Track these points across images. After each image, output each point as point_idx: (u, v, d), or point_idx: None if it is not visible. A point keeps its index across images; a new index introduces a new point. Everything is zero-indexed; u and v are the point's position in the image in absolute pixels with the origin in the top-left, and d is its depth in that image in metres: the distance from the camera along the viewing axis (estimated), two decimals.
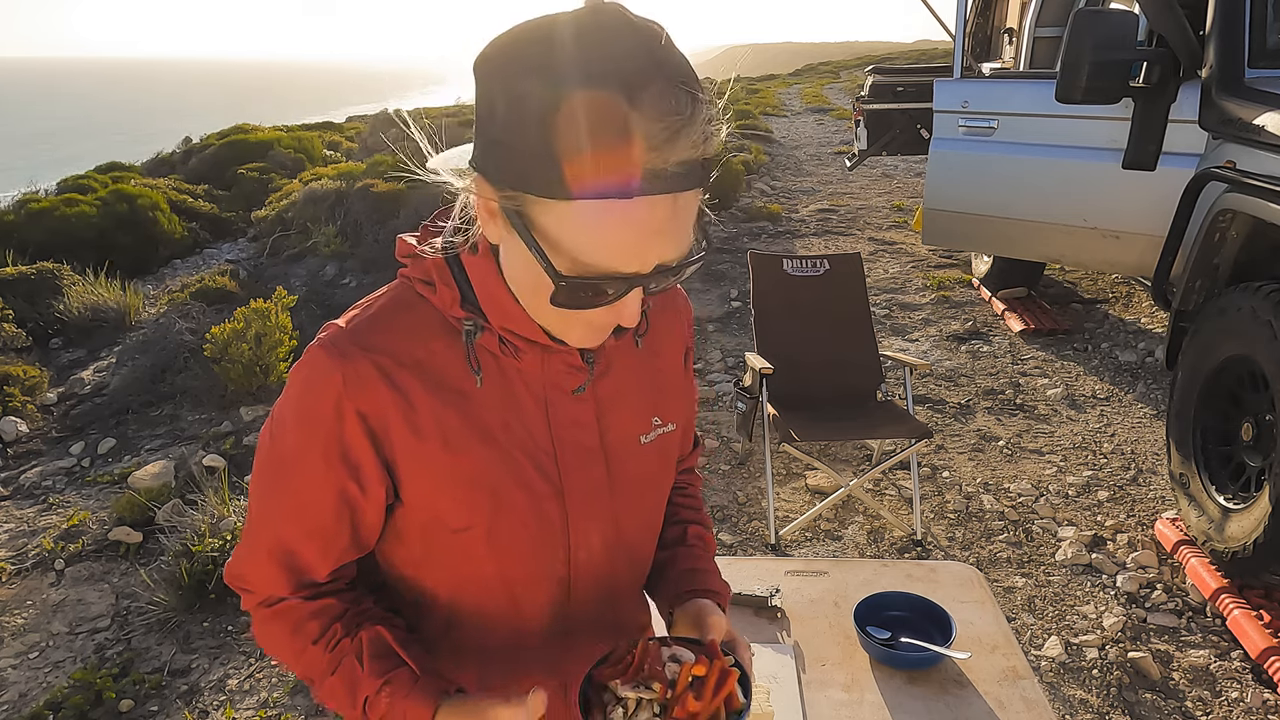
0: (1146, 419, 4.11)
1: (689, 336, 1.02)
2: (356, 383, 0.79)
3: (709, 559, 1.06)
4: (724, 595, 1.02)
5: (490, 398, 0.83)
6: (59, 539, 3.44)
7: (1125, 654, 2.60)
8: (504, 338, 0.82)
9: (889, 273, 6.60)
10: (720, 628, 0.89)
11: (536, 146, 0.65)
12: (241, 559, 0.88)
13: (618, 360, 0.91)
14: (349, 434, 0.80)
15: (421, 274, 0.82)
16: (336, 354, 0.79)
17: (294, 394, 0.82)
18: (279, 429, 0.83)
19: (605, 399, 0.89)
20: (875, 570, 1.68)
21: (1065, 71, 3.38)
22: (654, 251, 0.70)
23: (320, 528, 0.84)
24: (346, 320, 0.83)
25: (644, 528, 0.99)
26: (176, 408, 4.63)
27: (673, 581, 1.01)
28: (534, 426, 0.85)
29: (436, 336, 0.82)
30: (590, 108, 0.62)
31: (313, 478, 0.82)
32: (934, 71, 5.86)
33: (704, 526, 1.09)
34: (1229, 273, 3.03)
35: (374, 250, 6.85)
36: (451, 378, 0.82)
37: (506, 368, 0.84)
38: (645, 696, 0.79)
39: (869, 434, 3.37)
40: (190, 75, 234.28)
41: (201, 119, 28.18)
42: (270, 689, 2.63)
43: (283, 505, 0.84)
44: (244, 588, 0.88)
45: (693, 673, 0.81)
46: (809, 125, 16.98)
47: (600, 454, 0.89)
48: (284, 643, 0.87)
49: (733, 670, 0.83)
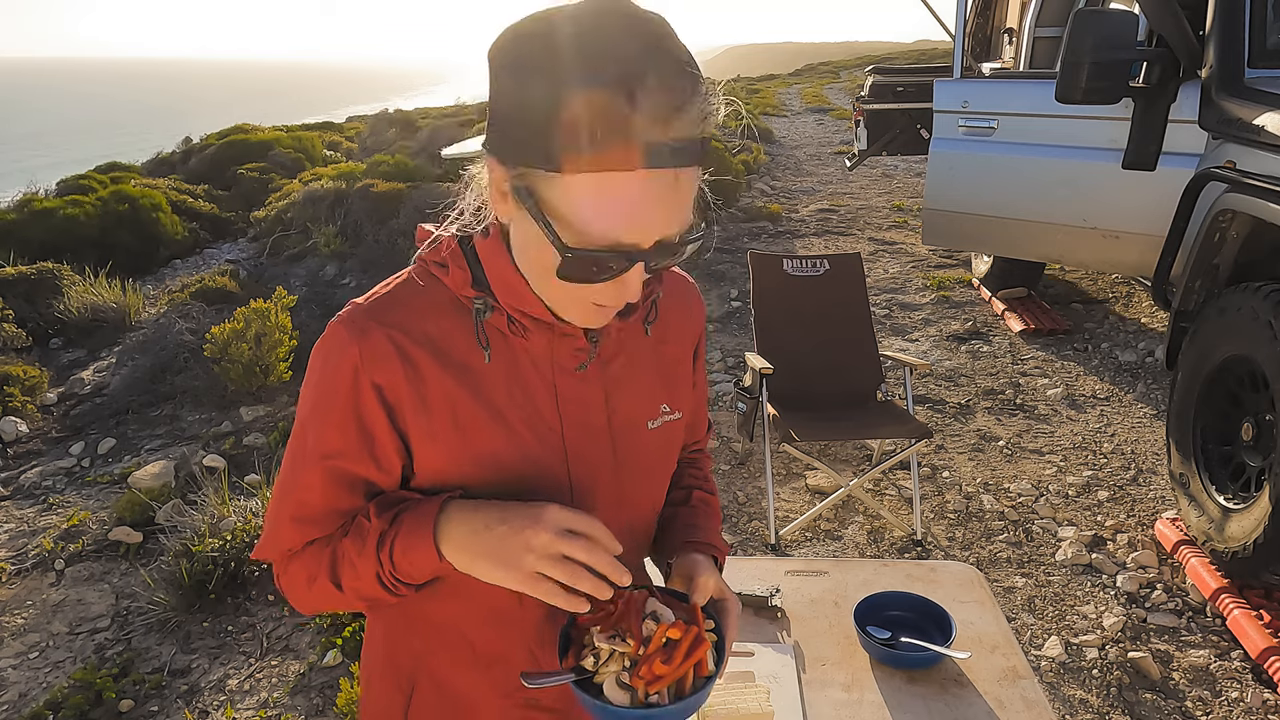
0: (1146, 419, 4.11)
1: (700, 331, 1.04)
2: (372, 356, 0.82)
3: (711, 520, 1.08)
4: (721, 551, 1.04)
5: (498, 374, 0.86)
6: (59, 539, 3.44)
7: (1125, 654, 2.60)
8: (513, 317, 0.84)
9: (889, 273, 6.60)
10: (708, 588, 0.90)
11: (543, 124, 0.69)
12: (266, 534, 0.91)
13: (627, 344, 0.93)
14: (365, 405, 0.83)
15: (436, 256, 0.86)
16: (355, 329, 0.83)
17: (315, 368, 0.86)
18: (302, 403, 0.87)
19: (613, 381, 0.92)
20: (875, 570, 1.68)
21: (1065, 71, 3.38)
22: (654, 226, 0.72)
23: (337, 491, 0.87)
24: (366, 299, 0.87)
25: (646, 510, 1.01)
26: (176, 408, 4.63)
27: (672, 535, 1.03)
28: (541, 404, 0.88)
29: (448, 315, 0.85)
30: (595, 86, 0.66)
31: (333, 445, 0.85)
32: (934, 71, 5.86)
33: (708, 493, 1.11)
34: (1229, 273, 3.03)
35: (374, 250, 6.84)
36: (461, 354, 0.85)
37: (515, 346, 0.86)
38: (618, 649, 0.81)
39: (869, 434, 3.37)
40: (191, 75, 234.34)
41: (202, 119, 28.19)
42: (270, 689, 2.63)
43: (306, 471, 0.87)
44: (270, 558, 0.92)
45: (667, 635, 0.82)
46: (809, 125, 16.98)
47: (607, 434, 0.91)
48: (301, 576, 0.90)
49: (707, 638, 0.84)
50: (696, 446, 1.15)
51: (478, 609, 0.92)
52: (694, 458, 1.14)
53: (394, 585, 0.84)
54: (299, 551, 0.90)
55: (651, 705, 0.79)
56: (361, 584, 0.85)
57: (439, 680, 0.96)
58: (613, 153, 0.67)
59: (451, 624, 0.94)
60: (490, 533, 0.79)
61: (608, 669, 0.81)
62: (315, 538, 0.89)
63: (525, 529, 0.78)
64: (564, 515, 0.79)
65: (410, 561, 0.82)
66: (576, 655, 0.83)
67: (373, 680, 1.02)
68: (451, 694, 0.96)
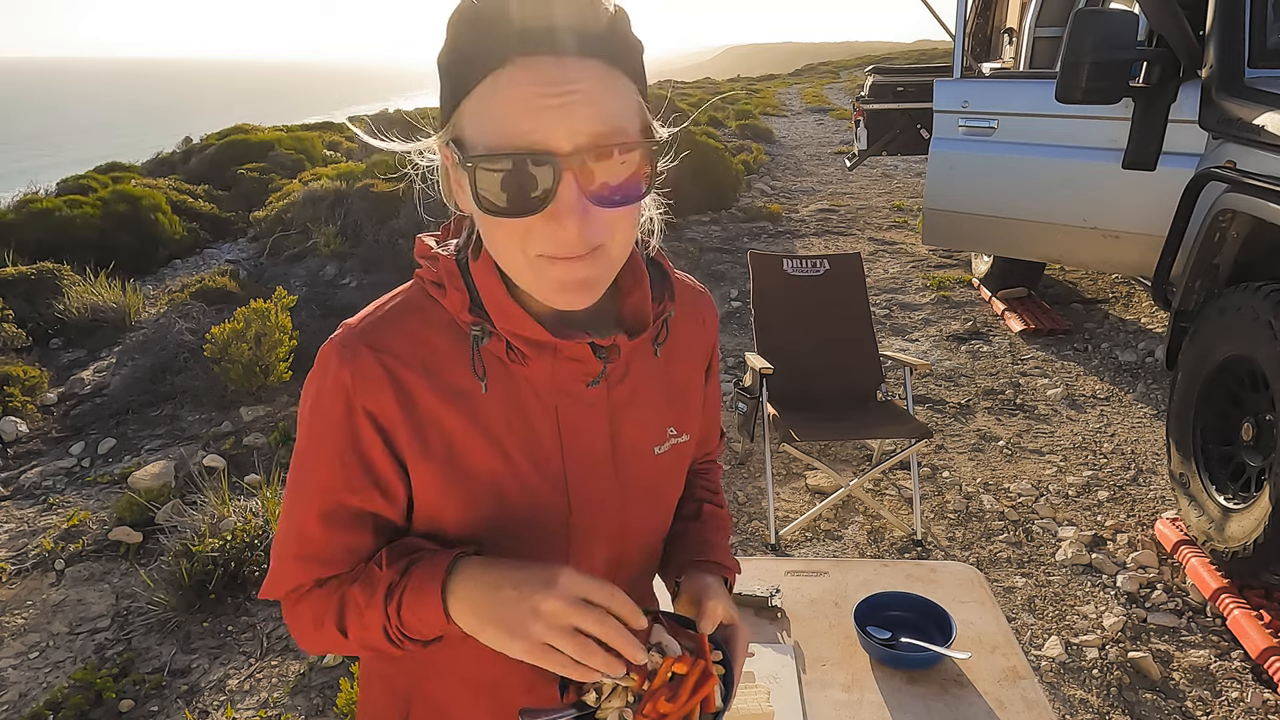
0: (1146, 419, 4.11)
1: (713, 344, 1.00)
2: (365, 382, 0.79)
3: (721, 535, 1.04)
4: (731, 571, 0.99)
5: (496, 402, 0.82)
6: (59, 539, 3.44)
7: (1125, 654, 2.60)
8: (511, 344, 0.81)
9: (889, 273, 6.60)
10: (716, 615, 0.87)
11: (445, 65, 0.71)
12: (272, 571, 0.87)
13: (635, 367, 0.88)
14: (361, 432, 0.80)
15: (434, 276, 0.82)
16: (347, 354, 0.80)
17: (309, 395, 0.83)
18: (299, 432, 0.84)
19: (619, 406, 0.87)
20: (875, 570, 1.68)
21: (1065, 71, 3.38)
22: (558, 123, 0.66)
23: (346, 523, 0.84)
24: (359, 319, 0.83)
25: (651, 537, 0.98)
26: (176, 408, 4.63)
27: (681, 552, 1.00)
28: (542, 432, 0.84)
29: (445, 337, 0.81)
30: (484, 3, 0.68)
31: (332, 477, 0.82)
32: (934, 71, 5.86)
33: (718, 506, 1.07)
34: (1229, 273, 3.03)
35: (374, 250, 6.84)
36: (458, 381, 0.81)
37: (515, 374, 0.83)
38: (621, 683, 0.76)
39: (869, 434, 3.37)
40: (191, 75, 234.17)
41: (202, 119, 28.18)
42: (270, 689, 2.63)
43: (309, 503, 0.84)
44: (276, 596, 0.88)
45: (673, 669, 0.78)
46: (809, 125, 16.98)
47: (610, 463, 0.88)
48: (308, 618, 0.86)
49: (714, 673, 0.80)
50: (708, 458, 1.11)
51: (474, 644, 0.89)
52: (704, 468, 1.10)
53: (399, 640, 0.80)
54: (308, 592, 0.86)
55: None
56: (368, 634, 0.81)
57: (435, 704, 0.94)
58: (494, 50, 0.67)
59: (448, 657, 0.91)
60: (499, 594, 0.74)
61: (610, 705, 0.77)
62: (322, 576, 0.85)
63: (535, 595, 0.73)
64: (579, 583, 0.73)
65: (417, 617, 0.78)
66: (577, 690, 0.78)
67: (372, 682, 1.01)
68: (447, 717, 0.94)
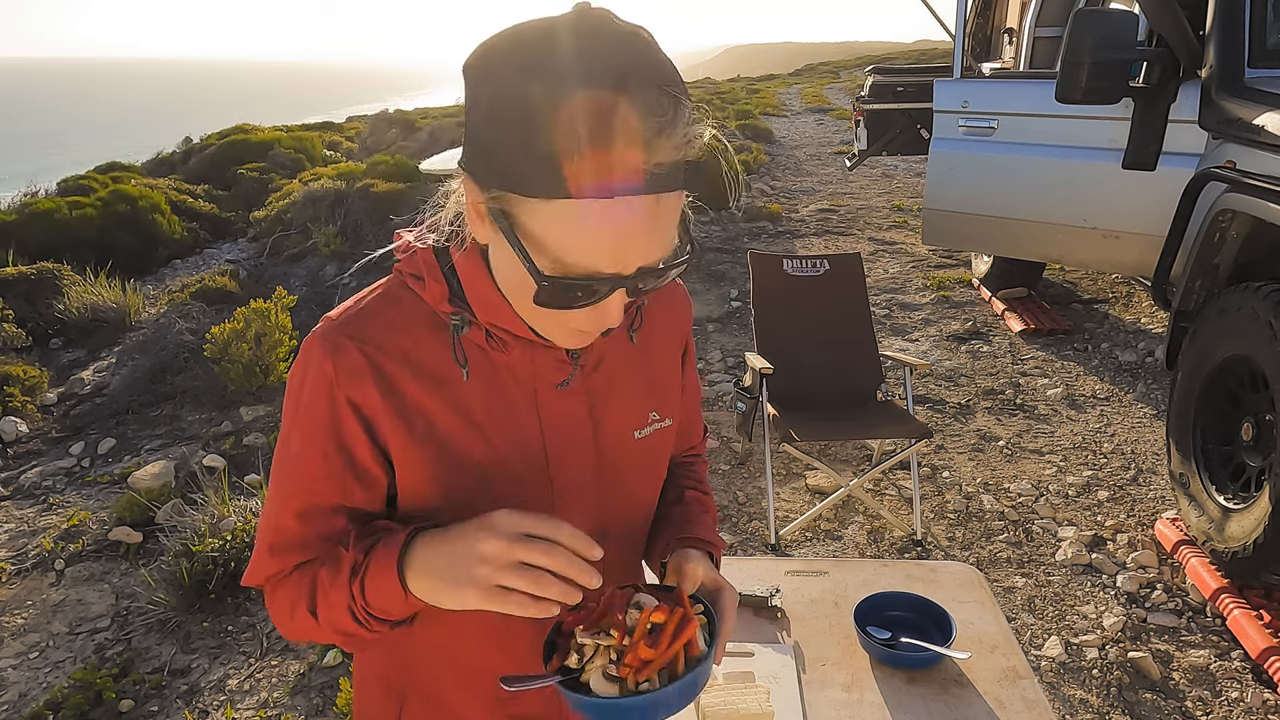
0: (1146, 419, 4.11)
1: (687, 332, 1.02)
2: (347, 373, 0.80)
3: (705, 516, 1.04)
4: (716, 547, 1.00)
5: (477, 391, 0.84)
6: (59, 539, 3.44)
7: (1125, 654, 2.60)
8: (491, 332, 0.82)
9: (889, 273, 6.60)
10: (697, 576, 0.87)
11: (520, 147, 0.66)
12: (252, 559, 0.89)
13: (610, 354, 0.90)
14: (344, 423, 0.82)
15: (412, 269, 0.84)
16: (328, 346, 0.81)
17: (293, 388, 0.84)
18: (283, 424, 0.86)
19: (598, 393, 0.89)
20: (875, 570, 1.68)
21: (1065, 71, 3.38)
22: (635, 253, 0.70)
23: (322, 515, 0.85)
24: (338, 313, 0.84)
25: (636, 521, 0.99)
26: (176, 408, 4.63)
27: (665, 534, 1.00)
28: (523, 417, 0.85)
29: (425, 329, 0.83)
30: (573, 108, 0.63)
31: (314, 469, 0.83)
32: (934, 71, 5.86)
33: (703, 493, 1.08)
34: (1229, 273, 3.03)
35: (374, 250, 6.84)
36: (439, 370, 0.83)
37: (495, 361, 0.84)
38: (602, 643, 0.77)
39: (869, 434, 3.37)
40: (190, 75, 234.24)
41: (202, 119, 28.18)
42: (270, 689, 2.63)
43: (287, 496, 0.86)
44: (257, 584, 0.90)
45: (651, 619, 0.78)
46: (809, 125, 16.98)
47: (592, 448, 0.89)
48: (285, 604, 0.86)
49: (694, 618, 0.81)
50: (693, 452, 1.12)
51: (466, 631, 0.89)
52: (689, 461, 1.11)
53: (366, 620, 0.80)
54: (286, 576, 0.86)
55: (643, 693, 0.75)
56: (335, 615, 0.81)
57: (430, 695, 0.95)
58: (592, 179, 0.64)
59: (440, 646, 0.92)
60: (443, 551, 0.74)
61: (593, 665, 0.77)
62: (299, 561, 0.86)
63: (474, 539, 0.72)
64: (517, 519, 0.73)
65: (379, 593, 0.77)
66: (562, 658, 0.79)
67: (367, 682, 1.01)
68: (442, 707, 0.95)
